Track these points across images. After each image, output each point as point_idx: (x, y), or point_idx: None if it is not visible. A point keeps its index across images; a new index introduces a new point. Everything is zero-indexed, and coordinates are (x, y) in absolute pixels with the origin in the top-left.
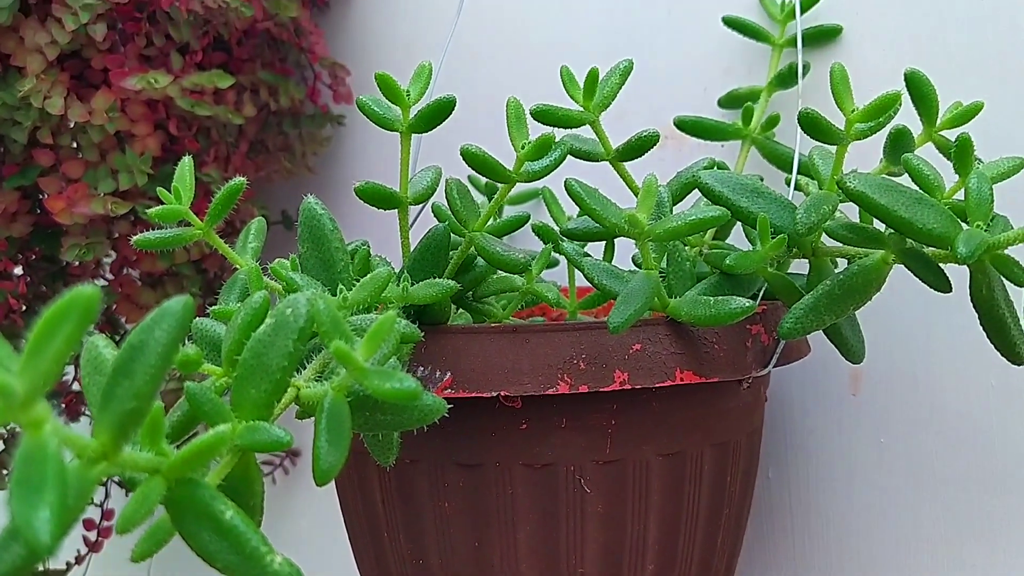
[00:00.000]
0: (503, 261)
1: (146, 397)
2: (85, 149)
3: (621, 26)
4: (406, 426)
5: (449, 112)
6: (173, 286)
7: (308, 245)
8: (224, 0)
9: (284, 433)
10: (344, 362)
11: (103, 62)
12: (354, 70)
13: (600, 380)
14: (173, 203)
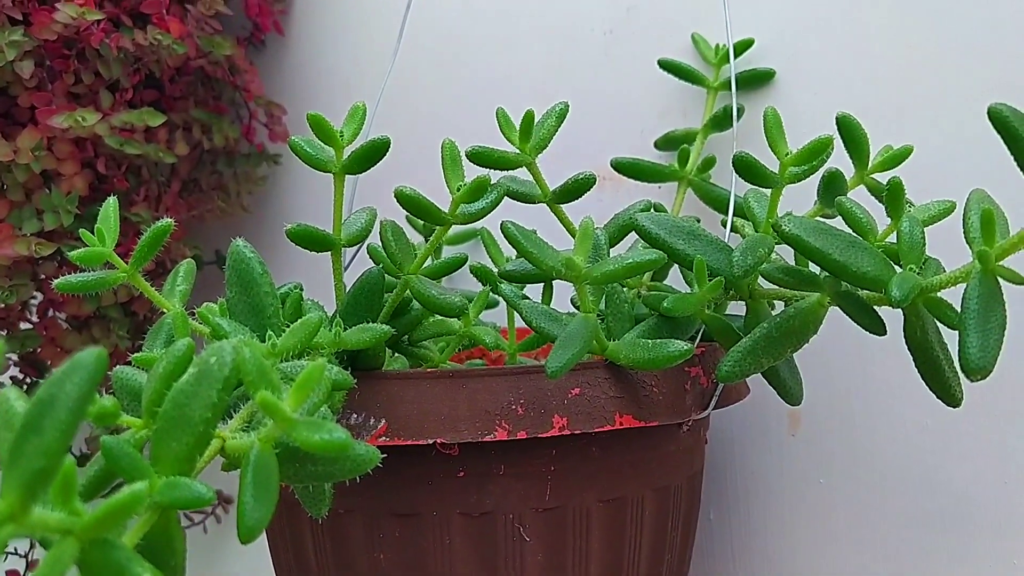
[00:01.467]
0: (439, 304)
1: (56, 454)
2: (10, 189)
3: (558, 66)
4: (338, 477)
5: (383, 153)
6: (100, 329)
7: (236, 289)
8: (156, 38)
9: (206, 489)
10: (271, 413)
11: (29, 100)
12: (291, 109)
13: (539, 426)
14: (96, 245)
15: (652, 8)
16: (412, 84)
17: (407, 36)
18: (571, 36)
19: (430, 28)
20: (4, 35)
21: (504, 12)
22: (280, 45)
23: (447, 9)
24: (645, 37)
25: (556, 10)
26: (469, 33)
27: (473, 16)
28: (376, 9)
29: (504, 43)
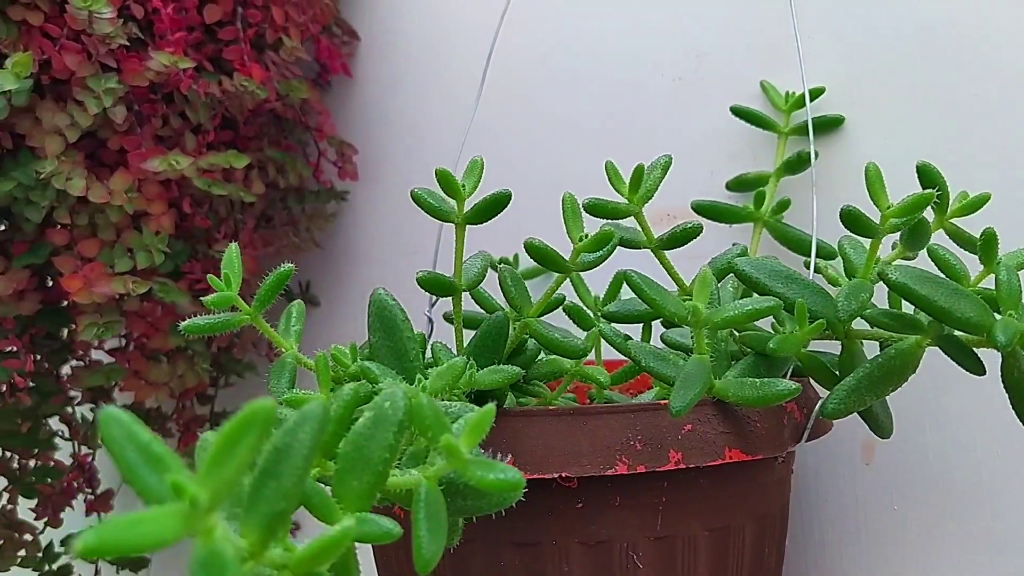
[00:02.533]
0: (562, 347)
1: (293, 498)
2: (101, 228)
3: (627, 110)
4: (485, 510)
5: (504, 206)
6: (184, 363)
7: (380, 335)
8: (242, 84)
9: (393, 524)
10: (451, 454)
11: (119, 143)
12: (357, 146)
13: (656, 460)
14: (224, 289)
15: (721, 56)
16: (480, 126)
17: (476, 78)
18: (641, 81)
19: (499, 71)
20: (100, 82)
21: (574, 58)
22: (346, 85)
23: (516, 53)
24: (714, 83)
25: (627, 56)
26: (538, 77)
27: (543, 60)
28: (442, 50)
29: (573, 88)
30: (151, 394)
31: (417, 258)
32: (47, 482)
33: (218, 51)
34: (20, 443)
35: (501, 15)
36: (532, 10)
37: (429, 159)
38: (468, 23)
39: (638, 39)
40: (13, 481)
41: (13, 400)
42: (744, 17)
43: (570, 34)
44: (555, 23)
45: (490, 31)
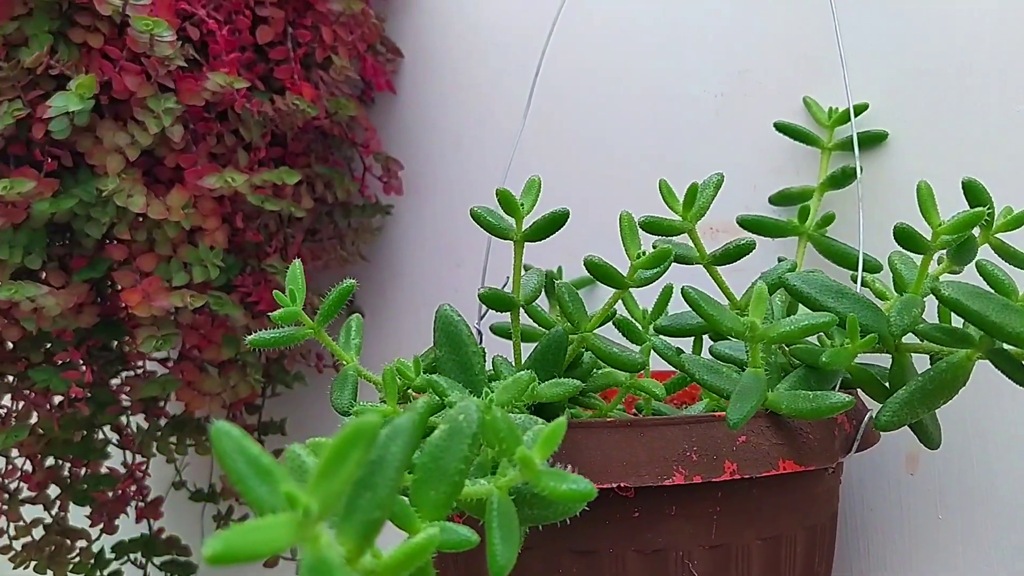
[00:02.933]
0: (619, 360)
1: (387, 507)
2: (159, 243)
3: (669, 126)
4: (549, 519)
5: (562, 224)
6: (237, 374)
7: (446, 349)
8: (294, 103)
9: (471, 532)
10: (525, 466)
11: (176, 160)
12: (400, 161)
13: (712, 471)
14: (289, 305)
15: (763, 72)
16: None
17: (518, 95)
18: (683, 98)
19: (541, 87)
20: (159, 102)
21: (615, 75)
22: (389, 101)
23: (558, 70)
24: (756, 99)
25: (668, 74)
26: (579, 93)
27: (584, 77)
28: (483, 68)
29: (615, 104)
30: (204, 404)
31: (460, 271)
32: (100, 490)
33: (269, 70)
34: (74, 452)
35: (548, 34)
36: (574, 27)
37: (472, 174)
38: (509, 41)
39: (680, 56)
40: (65, 489)
41: (71, 410)
42: (786, 34)
43: (613, 51)
44: (597, 40)
45: (531, 49)
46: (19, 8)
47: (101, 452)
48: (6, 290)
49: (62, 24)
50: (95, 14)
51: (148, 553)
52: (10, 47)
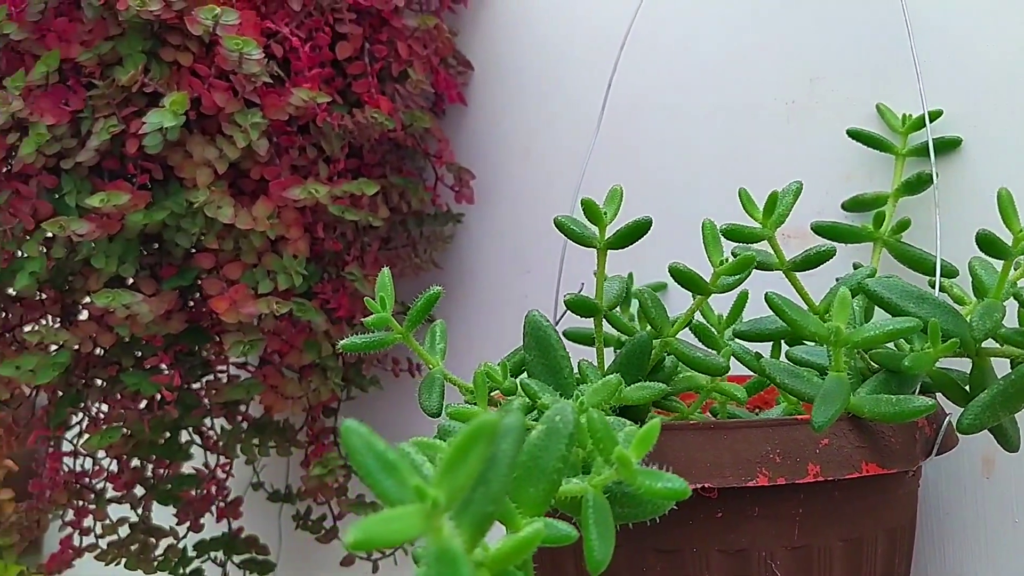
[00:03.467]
0: (704, 364)
1: (500, 501)
2: (245, 252)
3: (740, 134)
4: (639, 518)
5: (645, 232)
6: (318, 378)
7: (535, 353)
8: (373, 116)
9: (571, 528)
10: (622, 465)
11: (260, 172)
12: (471, 171)
13: (795, 473)
14: (380, 311)
15: (835, 79)
16: (593, 152)
17: (585, 105)
18: (753, 106)
19: (611, 97)
20: (246, 117)
21: (686, 84)
22: (459, 112)
23: (629, 79)
24: (827, 106)
25: (739, 82)
26: (650, 102)
27: (654, 86)
28: (552, 78)
29: (685, 113)
30: (286, 407)
31: (529, 277)
32: (184, 489)
33: (347, 85)
34: (159, 453)
35: (620, 45)
36: (645, 37)
37: (540, 182)
38: (577, 53)
39: (751, 64)
40: (149, 489)
41: (161, 413)
42: (857, 41)
43: (683, 60)
44: (668, 49)
45: (598, 59)
46: (113, 29)
47: (185, 453)
48: (103, 297)
49: (153, 44)
50: (185, 34)
51: (229, 551)
52: (105, 66)
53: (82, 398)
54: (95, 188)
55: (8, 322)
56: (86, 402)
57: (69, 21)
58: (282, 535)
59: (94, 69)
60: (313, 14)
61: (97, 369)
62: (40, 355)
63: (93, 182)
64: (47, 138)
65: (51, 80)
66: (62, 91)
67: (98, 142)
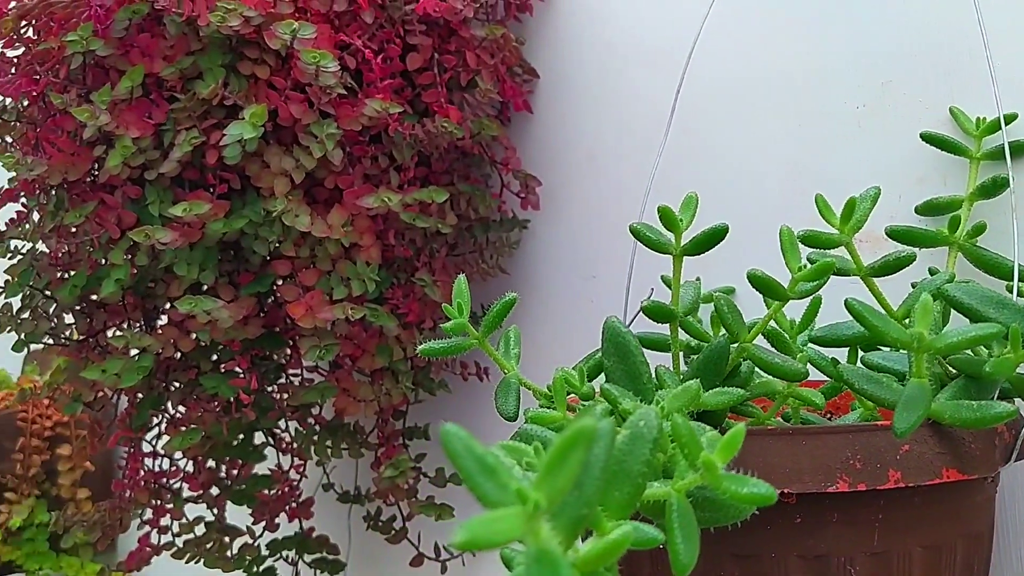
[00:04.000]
0: (782, 370)
1: (592, 505)
2: (320, 259)
3: (810, 138)
4: (720, 522)
5: (721, 239)
6: (389, 381)
7: (614, 359)
8: (443, 125)
9: (658, 532)
10: (708, 470)
11: (334, 181)
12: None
13: (876, 479)
14: (457, 317)
15: (907, 83)
16: (660, 157)
17: (651, 110)
18: (824, 110)
19: (679, 104)
20: (322, 128)
21: (754, 88)
22: (524, 119)
23: (696, 84)
24: (899, 110)
25: (808, 86)
26: (717, 107)
27: (722, 91)
28: (618, 85)
29: (754, 117)
30: (359, 410)
31: (595, 283)
32: (259, 490)
33: (415, 94)
34: (234, 454)
35: (689, 52)
36: (712, 42)
37: (606, 188)
38: (642, 60)
39: (821, 68)
40: (223, 489)
41: (239, 415)
42: (929, 44)
43: (751, 65)
44: (735, 54)
45: (663, 66)
46: (194, 44)
47: (259, 454)
48: (186, 303)
49: (232, 58)
50: (262, 48)
51: (301, 551)
52: (186, 80)
53: (162, 401)
54: (176, 198)
55: (92, 327)
56: (166, 404)
57: (151, 37)
58: (351, 535)
59: (175, 83)
60: (384, 26)
61: (177, 373)
62: (124, 359)
63: (174, 192)
64: (132, 150)
65: (135, 94)
66: (145, 104)
67: (180, 153)
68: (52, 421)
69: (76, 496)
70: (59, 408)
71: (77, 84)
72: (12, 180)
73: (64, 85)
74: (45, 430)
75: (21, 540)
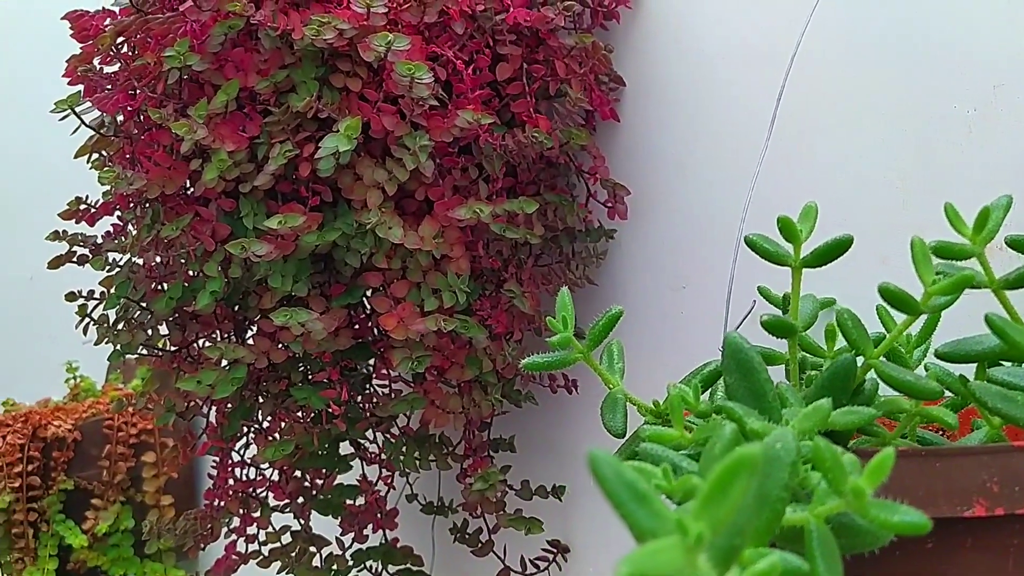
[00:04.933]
0: (914, 388)
1: (746, 534)
2: (410, 271)
3: (916, 143)
4: (857, 549)
5: (845, 250)
6: (478, 393)
7: (736, 376)
8: (534, 135)
9: (801, 561)
10: (856, 496)
11: (424, 193)
12: None
13: (1016, 503)
14: (562, 331)
15: (1019, 86)
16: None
17: (743, 119)
18: (931, 114)
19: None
20: (414, 140)
21: (856, 93)
22: (610, 128)
23: (795, 90)
24: (1012, 114)
25: (915, 91)
26: (818, 114)
27: (823, 97)
28: (707, 94)
29: (857, 124)
30: (448, 422)
31: (684, 293)
32: (345, 500)
33: (503, 104)
34: (321, 464)
35: (792, 55)
36: (812, 45)
37: (695, 198)
38: (732, 68)
39: (928, 72)
40: (308, 499)
41: (329, 426)
42: None
43: (853, 69)
44: (837, 58)
45: (755, 74)
46: (288, 58)
47: (346, 464)
48: (281, 316)
49: (325, 71)
50: (354, 60)
51: (385, 561)
52: (279, 93)
53: (253, 411)
54: (269, 211)
55: (185, 338)
56: (255, 415)
57: (245, 51)
58: (435, 547)
59: (268, 96)
60: (475, 36)
61: (267, 384)
62: (217, 370)
63: (267, 205)
64: (228, 164)
65: (229, 108)
66: (239, 118)
67: (275, 166)
68: (137, 429)
69: (160, 503)
70: (152, 418)
71: (173, 99)
72: (106, 194)
73: (160, 100)
74: (130, 437)
75: (107, 546)
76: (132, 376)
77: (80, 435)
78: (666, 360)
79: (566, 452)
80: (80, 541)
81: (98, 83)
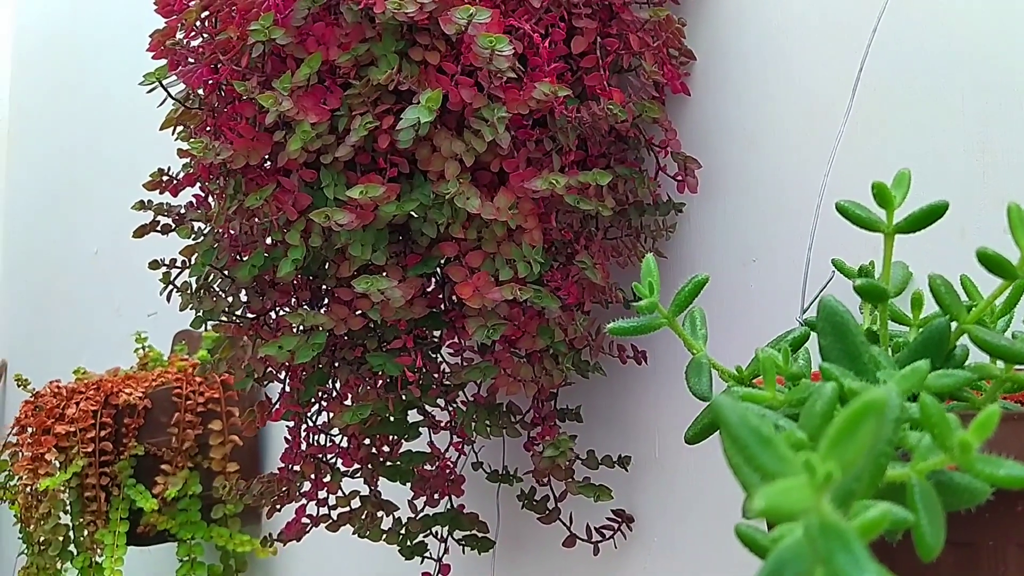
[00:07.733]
0: (1006, 352)
1: (863, 480)
2: (485, 241)
3: (998, 117)
4: (954, 507)
5: (939, 216)
6: (549, 362)
7: (831, 338)
8: (609, 108)
9: (907, 513)
10: (963, 451)
11: (499, 165)
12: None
13: None
14: (648, 296)
15: None
16: (833, 140)
17: (816, 93)
18: (1013, 90)
19: (849, 85)
20: (492, 112)
21: (936, 67)
22: (680, 102)
23: (871, 64)
24: None
25: (996, 65)
26: (894, 87)
27: (901, 70)
28: (780, 68)
29: (935, 97)
30: (519, 390)
31: (754, 267)
32: (416, 465)
33: (576, 77)
34: (391, 431)
35: (874, 27)
36: (890, 19)
37: (766, 172)
38: (806, 41)
39: (1011, 45)
40: (376, 466)
41: (403, 392)
42: None
43: (933, 42)
44: (916, 31)
45: (830, 47)
46: (369, 31)
47: (415, 431)
48: (363, 283)
49: (404, 44)
50: (433, 33)
51: (452, 527)
52: (360, 67)
53: (328, 377)
54: (349, 182)
55: (265, 306)
56: (330, 381)
57: (326, 26)
58: (500, 514)
59: (349, 70)
60: (551, 10)
61: (343, 351)
62: (298, 337)
63: (347, 176)
64: (311, 135)
65: (311, 81)
66: (321, 91)
67: (356, 138)
68: (204, 398)
69: (226, 469)
70: (218, 387)
71: (256, 72)
72: (186, 166)
73: (244, 73)
74: (198, 406)
75: (175, 510)
76: (197, 347)
77: (150, 403)
78: (737, 331)
79: (630, 423)
80: (150, 505)
81: (183, 57)
